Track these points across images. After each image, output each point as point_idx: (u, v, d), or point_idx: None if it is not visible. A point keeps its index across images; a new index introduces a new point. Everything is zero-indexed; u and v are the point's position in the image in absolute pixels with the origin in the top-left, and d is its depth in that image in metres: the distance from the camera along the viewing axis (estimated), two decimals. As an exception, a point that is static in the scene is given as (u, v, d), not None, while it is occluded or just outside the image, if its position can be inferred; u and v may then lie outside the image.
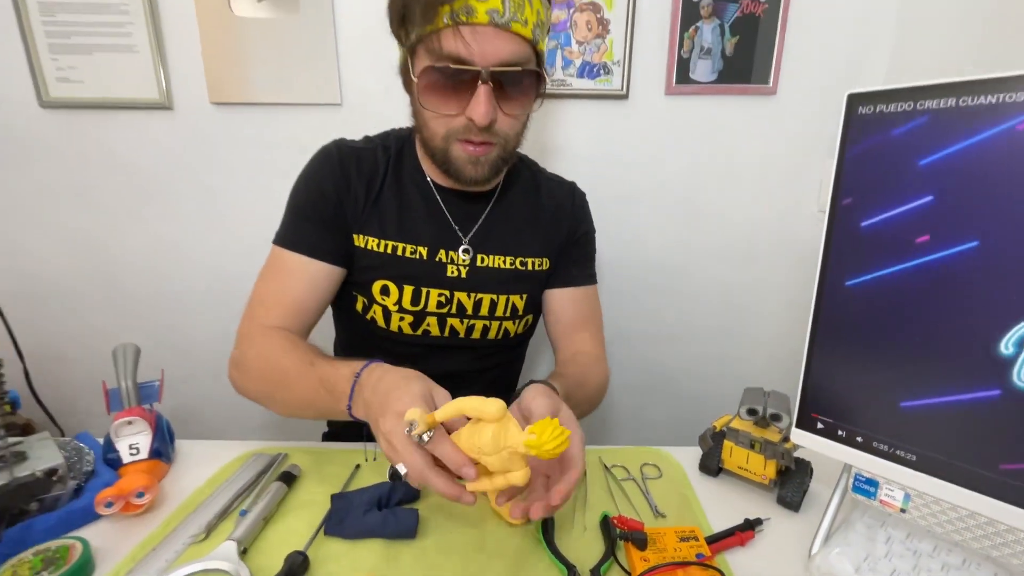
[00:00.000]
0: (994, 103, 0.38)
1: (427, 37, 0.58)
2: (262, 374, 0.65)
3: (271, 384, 0.65)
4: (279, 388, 0.64)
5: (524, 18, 0.58)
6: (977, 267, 0.40)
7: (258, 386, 0.66)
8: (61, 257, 1.11)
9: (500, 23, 0.56)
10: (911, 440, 0.45)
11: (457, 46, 0.57)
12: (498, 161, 0.67)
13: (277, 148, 1.09)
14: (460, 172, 0.66)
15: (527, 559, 0.50)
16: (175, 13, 1.02)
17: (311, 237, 0.69)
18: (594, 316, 0.84)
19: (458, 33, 0.56)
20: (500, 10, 0.56)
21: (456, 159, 0.65)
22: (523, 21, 0.58)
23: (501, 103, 0.61)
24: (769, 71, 1.10)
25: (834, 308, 0.48)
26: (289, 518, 0.55)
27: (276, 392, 0.64)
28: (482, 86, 0.58)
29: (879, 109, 0.43)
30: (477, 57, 0.57)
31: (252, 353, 0.66)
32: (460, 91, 0.60)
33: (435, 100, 0.61)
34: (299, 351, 0.63)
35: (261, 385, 0.66)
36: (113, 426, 0.60)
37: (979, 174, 0.39)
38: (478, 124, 0.60)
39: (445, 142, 0.64)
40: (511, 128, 0.65)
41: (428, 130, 0.65)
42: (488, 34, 0.57)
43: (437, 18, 0.56)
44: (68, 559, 0.47)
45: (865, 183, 0.45)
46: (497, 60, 0.58)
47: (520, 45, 0.59)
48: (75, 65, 1.03)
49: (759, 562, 0.50)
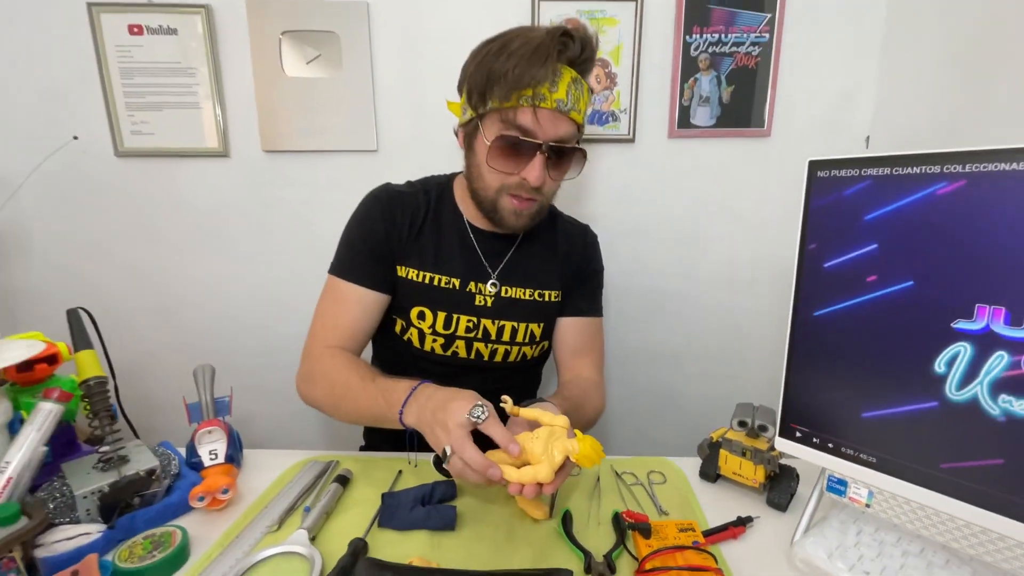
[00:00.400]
0: (918, 173, 0.48)
1: (503, 111, 0.71)
2: (330, 388, 0.76)
3: (336, 396, 0.75)
4: (343, 399, 0.74)
5: (580, 108, 0.74)
6: (913, 302, 0.49)
7: (325, 398, 0.77)
8: (128, 290, 1.24)
9: (563, 110, 0.71)
10: (871, 445, 0.54)
11: (528, 123, 0.70)
12: (536, 214, 0.80)
13: (320, 190, 1.22)
14: (504, 220, 0.78)
15: (550, 547, 0.59)
16: (235, 75, 1.17)
17: (363, 269, 0.81)
18: (596, 345, 0.93)
19: (531, 113, 0.70)
20: (564, 100, 0.71)
21: (503, 209, 0.77)
22: (579, 110, 0.73)
23: (550, 170, 0.75)
24: (764, 115, 1.21)
25: (806, 335, 0.58)
26: (346, 513, 0.65)
27: (341, 402, 0.75)
28: (539, 155, 0.72)
29: (833, 174, 0.54)
30: (540, 133, 0.71)
31: (319, 369, 0.78)
32: (521, 156, 0.73)
33: (500, 161, 0.74)
34: (360, 369, 0.75)
35: (328, 397, 0.77)
36: (197, 435, 0.71)
37: (910, 228, 0.49)
38: (531, 184, 0.73)
39: (497, 194, 0.77)
40: (552, 189, 0.79)
41: (483, 181, 0.77)
42: (552, 117, 0.71)
43: (516, 99, 0.69)
44: (171, 542, 0.57)
45: (825, 232, 0.55)
46: (555, 137, 0.72)
47: (573, 127, 0.74)
48: (147, 120, 1.18)
49: (748, 551, 0.58)
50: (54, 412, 0.62)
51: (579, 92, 0.73)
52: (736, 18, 1.16)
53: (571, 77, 0.71)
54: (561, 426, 0.57)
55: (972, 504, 0.47)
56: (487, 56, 0.71)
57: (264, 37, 1.14)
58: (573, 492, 0.69)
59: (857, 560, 0.52)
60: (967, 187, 0.45)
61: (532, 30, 0.72)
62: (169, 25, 1.13)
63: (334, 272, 0.83)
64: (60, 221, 1.22)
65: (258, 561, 0.55)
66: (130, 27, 1.13)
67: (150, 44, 1.14)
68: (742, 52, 1.17)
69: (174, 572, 0.55)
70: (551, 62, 0.69)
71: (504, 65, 0.68)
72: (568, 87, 0.71)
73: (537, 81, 0.68)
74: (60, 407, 0.62)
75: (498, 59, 0.69)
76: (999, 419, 0.45)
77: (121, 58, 1.14)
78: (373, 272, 0.81)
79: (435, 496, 0.65)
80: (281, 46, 1.15)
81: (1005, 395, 0.45)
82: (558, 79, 0.70)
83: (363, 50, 1.16)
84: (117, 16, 1.12)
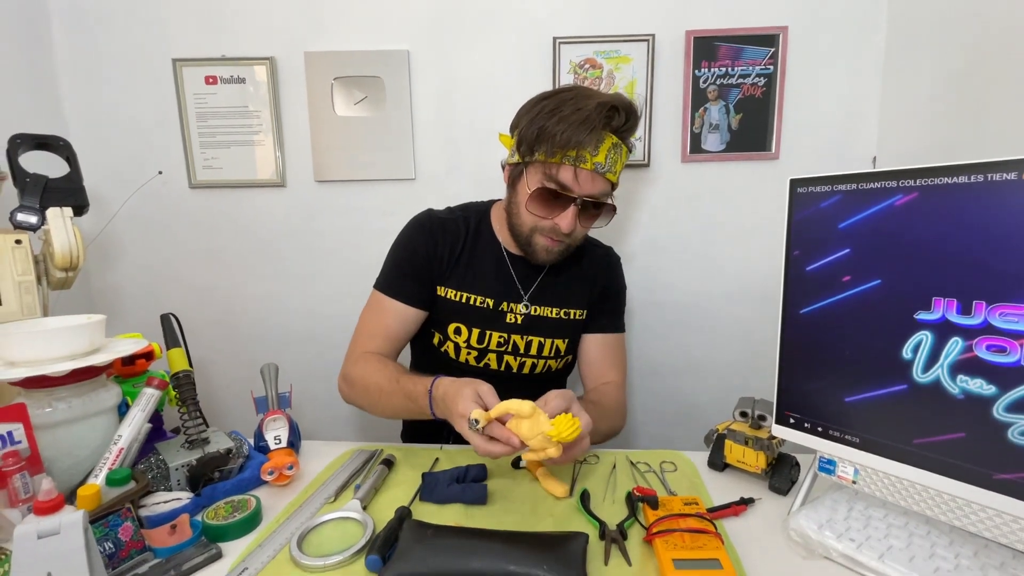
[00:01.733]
0: (879, 187, 0.56)
1: (547, 164, 0.80)
2: (365, 389, 0.87)
3: (371, 396, 0.86)
4: (377, 399, 0.85)
5: (616, 169, 0.83)
6: (882, 297, 0.57)
7: (361, 397, 0.88)
8: (196, 303, 1.40)
9: (600, 172, 0.80)
10: (854, 426, 0.60)
11: (567, 179, 0.80)
12: (565, 251, 0.89)
13: (364, 214, 1.36)
14: (536, 255, 0.88)
15: (568, 518, 0.66)
16: (293, 116, 1.33)
17: (404, 287, 0.92)
18: (619, 359, 1.01)
19: (571, 172, 0.79)
20: (603, 163, 0.80)
21: (535, 245, 0.87)
22: (614, 172, 0.83)
23: (582, 219, 0.84)
24: (771, 140, 1.30)
25: (793, 330, 0.65)
26: (392, 490, 0.74)
27: (375, 402, 0.86)
28: (573, 207, 0.81)
29: (810, 190, 0.62)
30: (577, 189, 0.81)
31: (356, 372, 0.89)
32: (556, 206, 0.83)
33: (538, 207, 0.83)
34: (388, 371, 0.85)
35: (363, 396, 0.88)
36: (264, 422, 0.82)
37: (876, 234, 0.57)
38: (563, 231, 0.83)
39: (531, 232, 0.86)
40: (581, 234, 0.89)
41: (520, 219, 0.87)
42: (590, 177, 0.80)
43: (559, 157, 0.79)
44: (248, 507, 0.68)
45: (806, 239, 0.63)
46: (589, 193, 0.81)
47: (607, 185, 0.83)
48: (217, 156, 1.35)
49: (748, 527, 0.64)
50: (155, 397, 0.74)
51: (617, 155, 0.82)
52: (741, 53, 1.26)
53: (612, 143, 0.80)
54: (529, 408, 0.62)
55: (941, 475, 0.54)
56: (540, 114, 0.80)
57: (319, 82, 1.31)
58: (590, 476, 0.77)
59: (845, 531, 0.59)
60: (920, 198, 0.53)
61: (585, 98, 0.79)
62: (239, 75, 1.31)
63: (378, 288, 0.94)
64: (144, 242, 1.40)
65: (320, 523, 0.65)
66: (206, 78, 1.31)
67: (222, 91, 1.32)
68: (748, 83, 1.27)
69: (251, 530, 0.66)
70: (596, 131, 0.77)
71: (555, 128, 0.77)
72: (608, 151, 0.79)
73: (582, 146, 0.77)
74: (159, 393, 0.75)
75: (550, 119, 0.78)
76: (959, 397, 0.52)
77: (198, 104, 1.32)
78: (412, 291, 0.92)
79: (469, 476, 0.74)
80: (333, 90, 1.31)
81: (962, 375, 0.52)
82: (600, 145, 0.79)
83: (403, 91, 1.31)
84: (197, 69, 1.31)
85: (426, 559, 0.54)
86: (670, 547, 0.56)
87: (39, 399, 0.67)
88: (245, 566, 0.58)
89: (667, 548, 0.56)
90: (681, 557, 0.54)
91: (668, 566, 0.53)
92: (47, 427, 0.66)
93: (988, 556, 0.54)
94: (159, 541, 0.61)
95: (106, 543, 0.56)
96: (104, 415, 0.72)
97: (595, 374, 0.99)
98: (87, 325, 0.70)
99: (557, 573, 0.52)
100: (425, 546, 0.56)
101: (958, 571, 0.52)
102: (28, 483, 0.59)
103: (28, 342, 0.66)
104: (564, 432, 0.60)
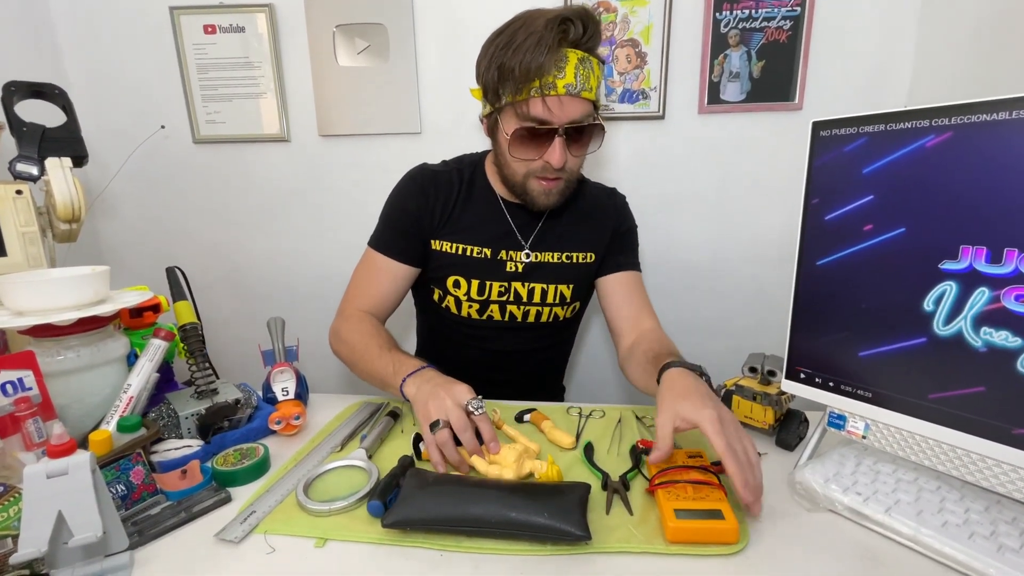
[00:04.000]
0: (910, 127, 0.52)
1: (517, 104, 0.76)
2: (352, 347, 0.85)
3: (356, 355, 0.85)
4: (361, 360, 0.84)
5: (590, 86, 0.77)
6: (905, 247, 0.54)
7: (347, 354, 0.87)
8: (201, 259, 1.41)
9: (573, 93, 0.75)
10: (867, 381, 0.58)
11: (541, 112, 0.75)
12: (564, 191, 0.85)
13: (370, 170, 1.34)
14: (535, 202, 0.85)
15: (572, 469, 0.66)
16: (294, 66, 1.29)
17: (395, 243, 0.90)
18: (647, 301, 0.96)
19: (541, 103, 0.74)
20: (573, 84, 0.74)
21: (532, 191, 0.84)
22: (589, 88, 0.77)
23: (571, 148, 0.79)
24: (795, 89, 1.23)
25: (809, 283, 0.63)
26: (397, 440, 0.75)
27: (358, 362, 0.85)
28: (558, 139, 0.77)
29: (834, 132, 0.58)
30: (555, 119, 0.76)
31: (346, 328, 0.88)
32: (540, 142, 0.78)
33: (521, 150, 0.80)
34: (380, 337, 0.84)
35: (349, 354, 0.87)
36: (272, 374, 0.83)
37: (903, 179, 0.53)
38: (554, 167, 0.79)
39: (524, 179, 0.83)
40: (576, 165, 0.84)
41: (510, 169, 0.83)
42: (563, 101, 0.75)
43: (526, 92, 0.74)
44: (256, 455, 0.69)
45: (827, 187, 0.60)
46: (569, 119, 0.76)
47: (586, 105, 0.78)
48: (219, 110, 1.32)
49: (753, 480, 0.64)
50: (162, 347, 0.75)
51: (587, 70, 0.75)
52: (767, -7, 1.18)
53: (577, 58, 0.74)
54: (534, 449, 0.67)
55: (956, 429, 0.52)
56: (496, 52, 0.76)
57: (319, 31, 1.26)
58: (595, 430, 0.76)
59: (852, 484, 0.58)
60: (953, 139, 0.50)
61: (534, 19, 0.74)
62: (238, 24, 1.26)
63: (371, 244, 0.93)
64: (148, 198, 1.40)
65: (326, 470, 0.66)
66: (205, 27, 1.27)
67: (222, 42, 1.28)
68: (773, 27, 1.19)
69: (259, 477, 0.67)
70: (553, 51, 0.72)
71: (512, 62, 0.73)
72: (575, 69, 0.74)
73: (544, 71, 0.72)
74: (166, 344, 0.75)
75: (506, 54, 0.74)
76: (981, 350, 0.50)
77: (197, 55, 1.29)
78: (404, 247, 0.90)
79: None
80: (335, 39, 1.26)
81: (987, 327, 0.49)
82: (563, 64, 0.73)
83: (408, 40, 1.25)
84: (194, 17, 1.26)
85: (426, 505, 0.54)
86: (672, 498, 0.55)
87: (48, 348, 0.67)
88: (253, 509, 0.59)
89: (669, 499, 0.55)
90: (683, 507, 0.54)
91: (670, 515, 0.53)
92: (57, 375, 0.67)
93: (1000, 511, 0.52)
94: (170, 485, 0.62)
95: (118, 485, 0.58)
96: (113, 364, 0.72)
97: (628, 317, 0.92)
98: (91, 275, 0.70)
99: (557, 520, 0.52)
100: (426, 493, 0.56)
101: (967, 525, 0.51)
102: (41, 428, 0.61)
103: (34, 291, 0.67)
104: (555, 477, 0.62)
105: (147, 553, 0.54)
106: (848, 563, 0.50)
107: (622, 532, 0.54)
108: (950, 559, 0.48)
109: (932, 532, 0.50)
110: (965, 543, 0.48)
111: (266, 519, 0.58)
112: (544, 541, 0.53)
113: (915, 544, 0.51)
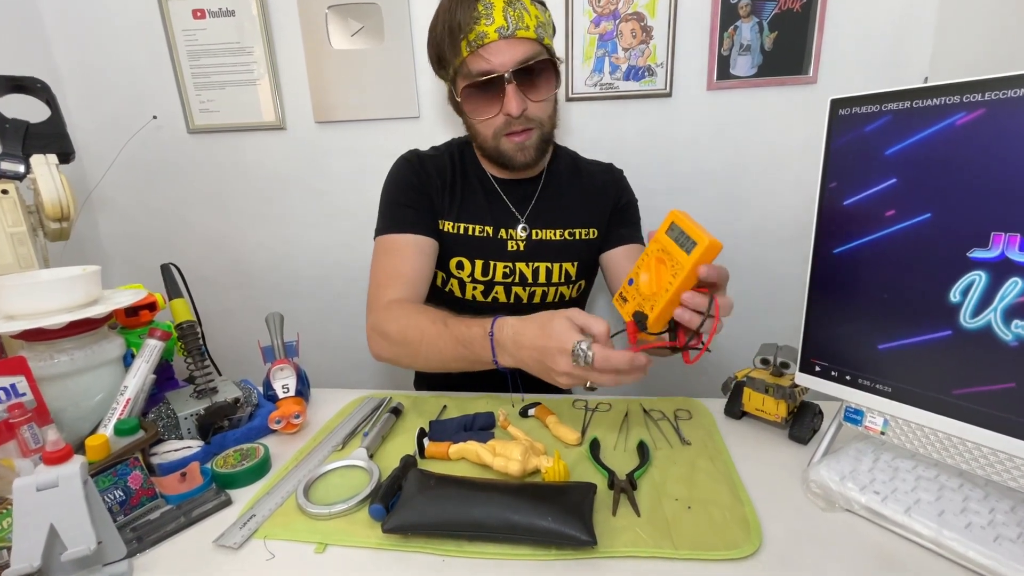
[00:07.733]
0: (938, 104, 0.48)
1: (459, 67, 0.76)
2: (404, 338, 0.75)
3: (412, 345, 0.74)
4: (421, 347, 0.73)
5: (525, 24, 0.74)
6: (931, 234, 0.50)
7: (399, 348, 0.76)
8: (200, 251, 1.39)
9: (507, 35, 0.73)
10: (887, 375, 0.56)
11: (481, 64, 0.74)
12: (540, 143, 0.82)
13: (368, 156, 1.30)
14: (512, 161, 0.82)
15: (578, 467, 0.65)
16: (287, 49, 1.25)
17: (411, 217, 0.86)
18: None
19: (479, 55, 0.73)
20: (505, 26, 0.73)
21: (506, 151, 0.81)
22: (525, 27, 0.74)
23: (528, 93, 0.77)
24: (809, 62, 1.17)
25: (825, 272, 0.59)
26: (399, 438, 0.73)
27: (418, 351, 0.74)
28: (508, 86, 0.75)
29: (854, 111, 0.54)
30: (498, 66, 0.74)
31: (390, 317, 0.77)
32: (493, 96, 0.77)
33: (478, 109, 0.78)
34: (432, 314, 0.74)
35: (402, 347, 0.76)
36: (271, 371, 0.81)
37: (929, 160, 0.49)
38: (514, 115, 0.76)
39: (495, 140, 0.81)
40: (543, 111, 0.81)
41: (479, 135, 0.83)
42: (501, 46, 0.73)
43: (461, 50, 0.73)
44: (256, 455, 0.68)
45: (846, 169, 0.56)
46: (514, 62, 0.74)
47: (529, 45, 0.75)
48: (213, 98, 1.29)
49: (765, 475, 0.62)
50: (158, 348, 0.73)
51: (519, 10, 0.74)
52: (780, -41, 1.11)
53: (504, 1, 0.73)
54: (539, 448, 0.65)
55: (983, 427, 0.49)
56: (433, 28, 0.76)
57: (312, 12, 1.21)
58: (601, 424, 0.74)
59: (869, 482, 0.55)
60: (986, 116, 0.46)
61: None
62: (228, 7, 1.22)
63: (381, 232, 0.88)
64: (146, 190, 1.37)
65: (327, 471, 0.65)
66: (194, 12, 1.23)
67: (212, 27, 1.24)
68: (786, -5, 1.13)
69: (259, 478, 0.66)
70: (472, 2, 0.72)
71: (442, 27, 0.73)
72: (504, 11, 0.73)
73: (471, 22, 0.71)
74: (162, 344, 0.74)
75: (438, 24, 0.74)
76: (1012, 344, 0.46)
77: (188, 41, 1.25)
78: (419, 219, 0.86)
79: (476, 424, 0.73)
80: (327, 20, 1.21)
81: (1018, 320, 0.46)
82: (490, 10, 0.72)
83: (403, 20, 1.20)
84: (182, 2, 1.22)
85: (427, 509, 0.53)
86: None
87: (41, 351, 0.66)
88: (253, 513, 0.58)
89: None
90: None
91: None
92: (52, 379, 0.66)
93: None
94: (170, 488, 0.62)
95: (116, 491, 0.57)
96: (108, 366, 0.71)
97: None
98: (81, 277, 0.68)
99: (562, 524, 0.50)
100: (428, 496, 0.55)
101: (992, 527, 0.48)
102: (36, 434, 0.60)
103: (22, 295, 0.65)
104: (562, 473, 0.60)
105: (146, 560, 0.53)
106: (866, 568, 0.48)
107: (629, 535, 0.52)
108: (974, 563, 0.46)
109: (955, 534, 0.48)
110: (990, 546, 0.46)
111: (266, 523, 0.57)
112: (548, 546, 0.51)
113: (936, 547, 0.48)
